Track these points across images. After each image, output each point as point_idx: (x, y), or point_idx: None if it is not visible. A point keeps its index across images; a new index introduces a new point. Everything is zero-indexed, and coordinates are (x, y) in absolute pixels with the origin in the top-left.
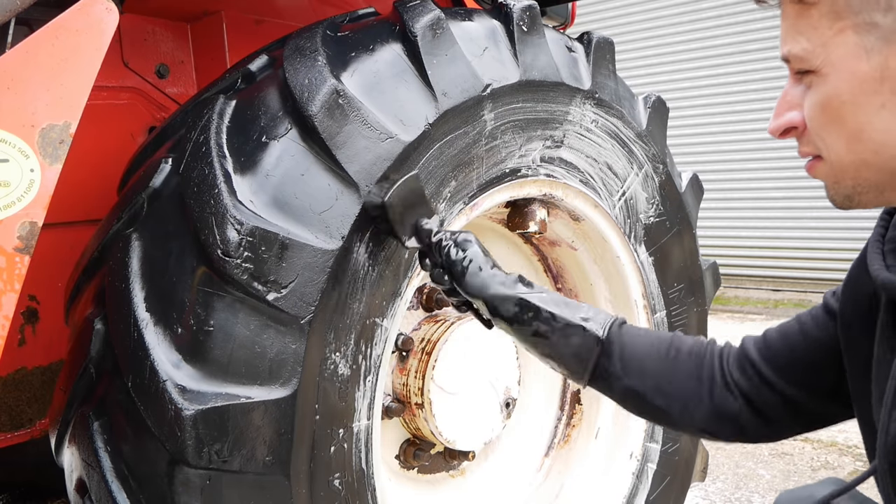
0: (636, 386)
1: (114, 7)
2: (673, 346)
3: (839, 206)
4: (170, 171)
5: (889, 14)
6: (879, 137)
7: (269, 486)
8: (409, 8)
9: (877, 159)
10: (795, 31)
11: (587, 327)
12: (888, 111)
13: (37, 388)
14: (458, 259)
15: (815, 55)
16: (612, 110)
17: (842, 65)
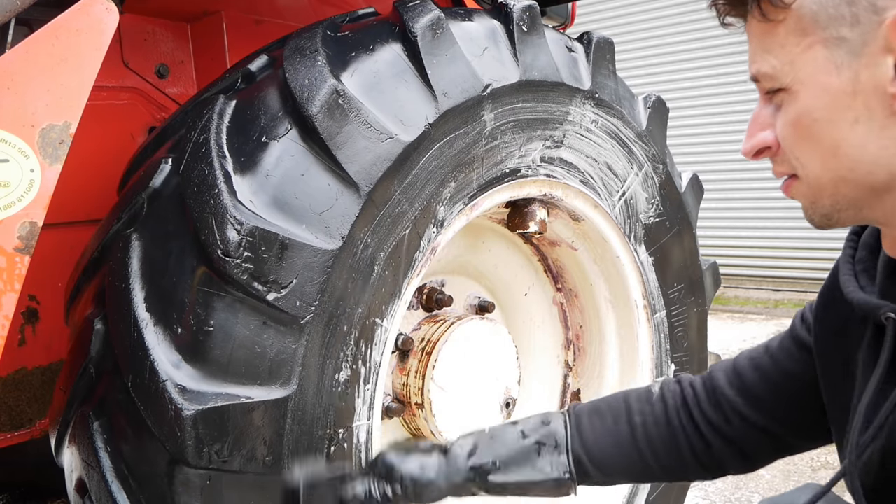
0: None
1: (114, 7)
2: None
3: (818, 226)
4: (170, 171)
5: (856, 27)
6: (855, 153)
7: (269, 486)
8: (409, 8)
9: (854, 175)
10: (763, 49)
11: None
12: (862, 125)
13: (37, 388)
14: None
15: (784, 73)
16: (612, 110)
17: (812, 81)
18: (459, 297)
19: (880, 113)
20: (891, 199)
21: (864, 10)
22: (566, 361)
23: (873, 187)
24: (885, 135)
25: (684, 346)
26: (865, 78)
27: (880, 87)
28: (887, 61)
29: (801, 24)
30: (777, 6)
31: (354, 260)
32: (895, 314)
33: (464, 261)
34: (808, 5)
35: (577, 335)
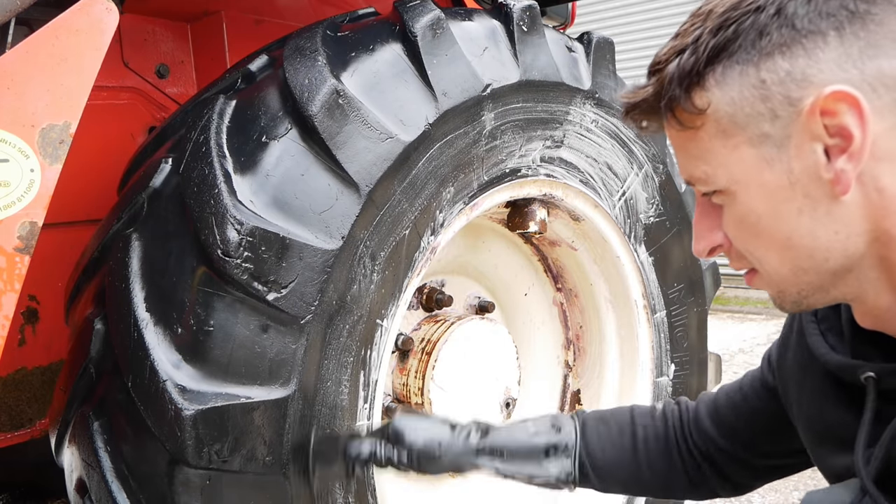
0: (620, 490)
1: (114, 7)
2: (637, 438)
3: (788, 312)
4: (170, 171)
5: (776, 122)
6: (808, 242)
7: (269, 486)
8: (409, 8)
9: (811, 263)
10: (690, 156)
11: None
12: (807, 215)
13: (37, 388)
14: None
15: (717, 176)
16: (612, 110)
17: (748, 180)
18: (459, 297)
19: (822, 199)
20: (854, 278)
21: (779, 104)
22: (566, 361)
23: (833, 272)
24: (833, 220)
25: (684, 346)
26: (798, 169)
27: (815, 175)
28: (815, 148)
29: (721, 126)
30: (692, 113)
31: (354, 260)
32: (874, 374)
33: (464, 261)
34: (723, 108)
35: (577, 335)
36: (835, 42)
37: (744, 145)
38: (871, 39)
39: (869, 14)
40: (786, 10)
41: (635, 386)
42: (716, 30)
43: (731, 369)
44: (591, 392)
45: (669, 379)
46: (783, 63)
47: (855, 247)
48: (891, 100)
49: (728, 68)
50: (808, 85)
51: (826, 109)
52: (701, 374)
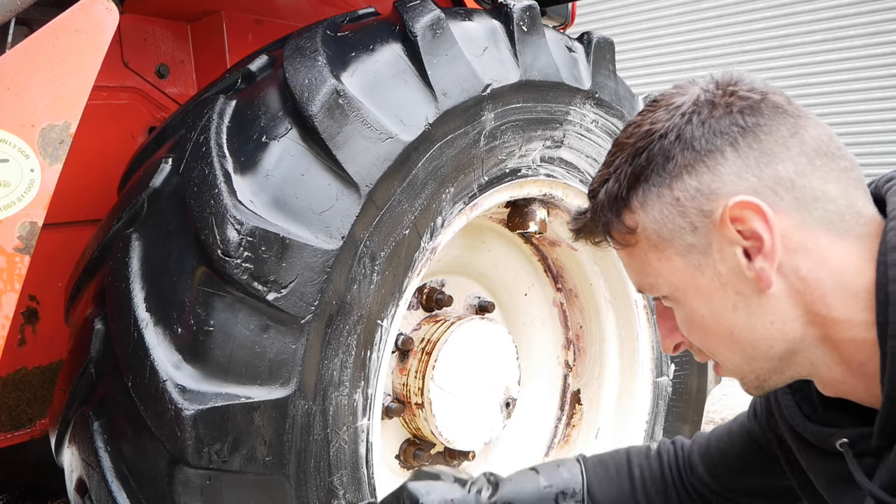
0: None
1: (114, 7)
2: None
3: (755, 395)
4: (170, 171)
5: (697, 233)
6: (748, 335)
7: (269, 486)
8: (409, 8)
9: (757, 352)
10: (633, 269)
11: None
12: (741, 310)
13: (37, 388)
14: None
15: (659, 285)
16: (612, 110)
17: (684, 286)
18: (459, 297)
19: (752, 295)
20: (803, 358)
21: (696, 218)
22: (566, 361)
23: (781, 357)
24: (766, 311)
25: None
26: (724, 271)
27: (740, 275)
28: (735, 251)
29: (652, 242)
30: (623, 233)
31: (354, 260)
32: (848, 439)
33: (464, 261)
34: (649, 226)
35: (577, 335)
36: (732, 156)
37: (674, 256)
38: (764, 148)
39: (758, 126)
40: (684, 135)
41: (635, 386)
42: (631, 158)
43: None
44: (591, 392)
45: (669, 379)
46: (691, 181)
47: (793, 332)
48: (792, 199)
49: (647, 191)
50: (716, 197)
51: (734, 217)
52: (701, 375)
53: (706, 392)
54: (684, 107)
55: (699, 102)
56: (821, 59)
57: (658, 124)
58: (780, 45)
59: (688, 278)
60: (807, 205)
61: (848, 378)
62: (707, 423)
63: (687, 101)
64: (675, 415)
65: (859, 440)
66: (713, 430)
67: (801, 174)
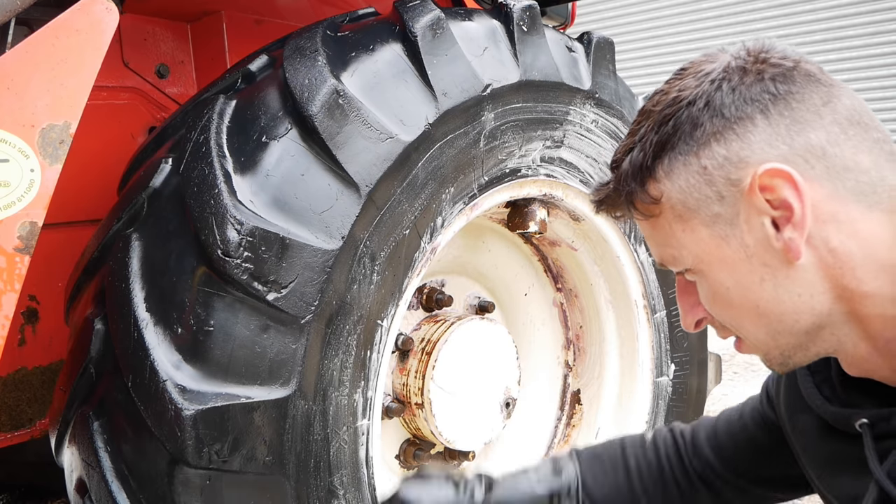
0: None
1: (114, 7)
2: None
3: (779, 371)
4: (170, 171)
5: (724, 202)
6: (774, 308)
7: (269, 486)
8: (409, 8)
9: (783, 327)
10: (656, 241)
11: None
12: (769, 282)
13: (37, 388)
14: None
15: (683, 257)
16: (612, 110)
17: (709, 258)
18: (459, 297)
19: (779, 267)
20: (829, 334)
21: (723, 187)
22: (566, 361)
23: (807, 331)
24: (794, 284)
25: (684, 346)
26: (751, 242)
27: (768, 246)
28: (763, 221)
29: (677, 212)
30: (649, 203)
31: (354, 260)
32: (868, 420)
33: (464, 261)
34: (675, 196)
35: (577, 335)
36: (763, 124)
37: (700, 227)
38: (796, 116)
39: (790, 94)
40: (714, 102)
41: (635, 386)
42: (657, 126)
43: (730, 369)
44: (591, 392)
45: (669, 379)
46: (719, 149)
47: (821, 305)
48: (823, 168)
49: (673, 160)
50: (745, 166)
51: (764, 186)
52: (701, 374)
53: (706, 392)
54: (714, 73)
55: (729, 69)
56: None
57: (686, 91)
58: None
59: (713, 249)
60: (838, 174)
61: (873, 356)
62: None
63: (717, 67)
64: (675, 415)
65: (879, 421)
66: (721, 415)
67: (834, 143)
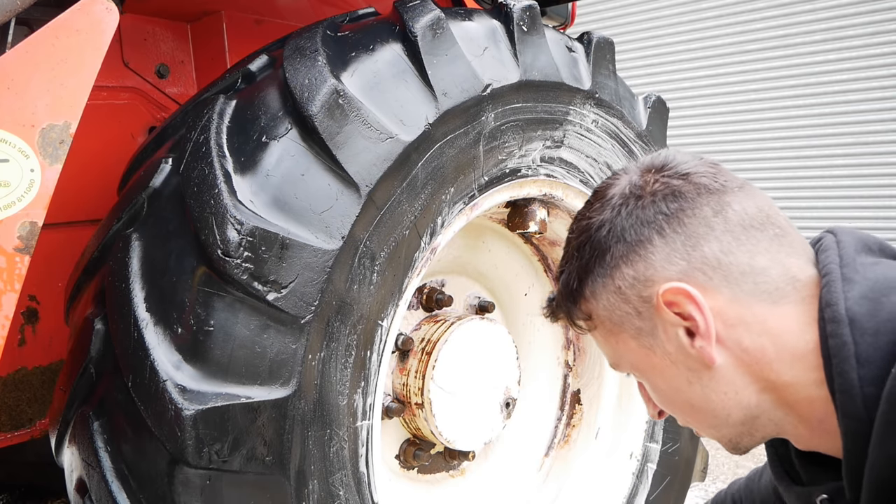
0: None
1: (114, 7)
2: None
3: (736, 454)
4: (170, 171)
5: (642, 317)
6: (705, 405)
7: (269, 486)
8: (409, 8)
9: (719, 421)
10: (601, 348)
11: None
12: (695, 384)
13: (37, 388)
14: None
15: (621, 364)
16: (612, 110)
17: (642, 365)
18: (459, 297)
19: (701, 370)
20: (766, 420)
21: (638, 304)
22: (566, 361)
23: (742, 422)
24: (717, 383)
25: None
26: (672, 350)
27: (686, 353)
28: (677, 332)
29: (606, 327)
30: (582, 319)
31: (354, 260)
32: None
33: (464, 261)
34: (602, 314)
35: (577, 335)
36: (660, 243)
37: (628, 339)
38: (689, 231)
39: (681, 210)
40: (615, 228)
41: (635, 386)
42: (577, 252)
43: None
44: (591, 392)
45: None
46: (628, 270)
47: (748, 399)
48: (721, 277)
49: (594, 282)
50: (651, 284)
51: (668, 301)
52: None
53: None
54: (614, 199)
55: (626, 194)
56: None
57: (594, 218)
58: (780, 45)
59: (643, 358)
60: (736, 280)
61: (814, 434)
62: None
63: (616, 192)
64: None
65: (838, 495)
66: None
67: (727, 252)
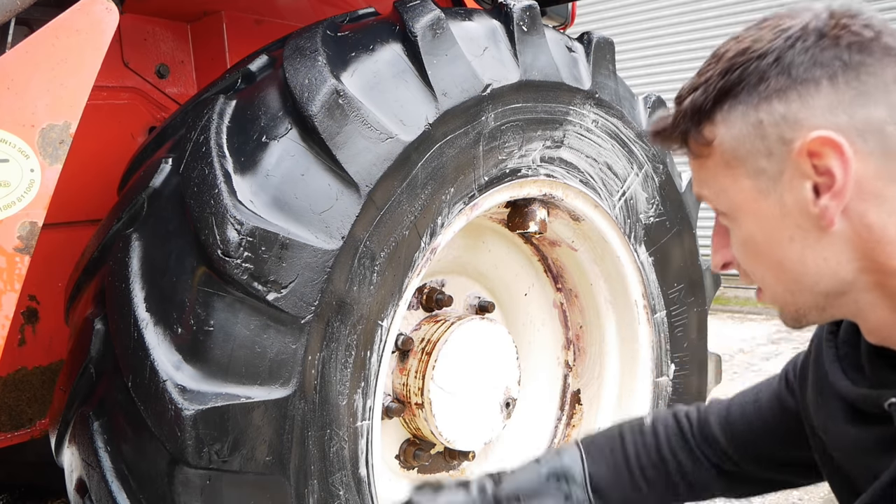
0: None
1: (114, 7)
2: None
3: (792, 327)
4: (170, 171)
5: (771, 158)
6: (797, 268)
7: (269, 486)
8: (409, 8)
9: (802, 287)
10: (700, 179)
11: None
12: (798, 243)
13: (37, 388)
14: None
15: (720, 201)
16: (612, 110)
17: (746, 208)
18: (459, 297)
19: (811, 230)
20: (850, 300)
21: (774, 143)
22: (566, 361)
23: (826, 294)
24: (821, 249)
25: (684, 346)
26: (789, 201)
27: (804, 209)
28: (805, 185)
29: (725, 158)
30: (700, 144)
31: (354, 260)
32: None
33: (464, 261)
34: (727, 142)
35: (577, 335)
36: (827, 90)
37: (743, 177)
38: (863, 89)
39: (863, 65)
40: (784, 59)
41: (635, 386)
42: (724, 73)
43: (730, 369)
44: (591, 392)
45: (669, 379)
46: (779, 106)
47: (845, 273)
48: (877, 145)
49: (732, 108)
50: (799, 128)
51: (812, 151)
52: (701, 374)
53: (706, 392)
54: (791, 31)
55: (807, 29)
56: None
57: (760, 44)
58: None
59: (751, 201)
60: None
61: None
62: None
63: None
64: None
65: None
66: (734, 398)
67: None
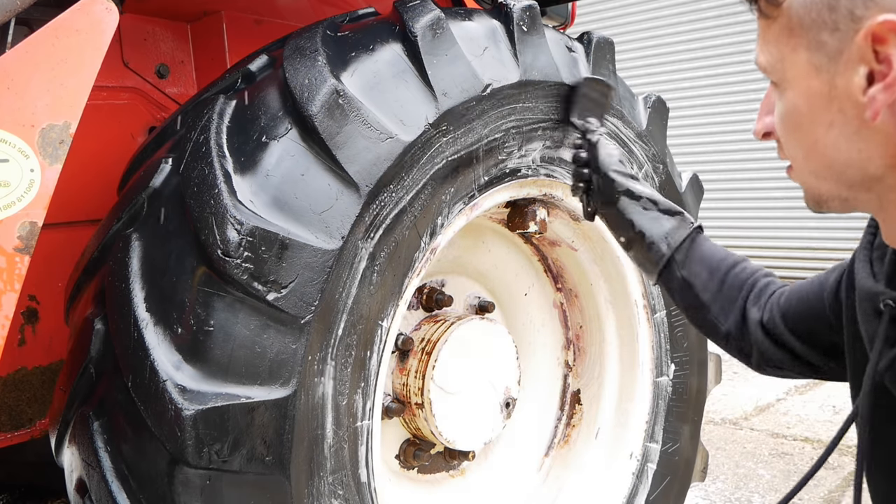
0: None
1: (114, 7)
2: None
3: (812, 210)
4: (170, 171)
5: (835, 34)
6: (829, 153)
7: (269, 486)
8: (409, 8)
9: (829, 173)
10: (763, 41)
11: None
12: (836, 129)
13: (37, 388)
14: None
15: (775, 69)
16: (612, 110)
17: (797, 81)
18: (459, 297)
19: (853, 119)
20: (872, 196)
21: (843, 18)
22: (566, 361)
23: (850, 185)
24: (858, 139)
25: (684, 345)
26: (840, 84)
27: (853, 96)
28: (860, 70)
29: (790, 24)
30: (771, 3)
31: (354, 260)
32: (893, 302)
33: (464, 261)
34: (795, 7)
35: (577, 335)
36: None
37: (802, 48)
38: None
39: None
40: None
41: (635, 386)
42: None
43: (731, 369)
44: (591, 392)
45: (669, 379)
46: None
47: (875, 168)
48: None
49: None
50: (872, 6)
51: (878, 35)
52: (701, 375)
53: (706, 392)
54: None
55: None
56: None
57: None
58: None
59: (803, 75)
60: None
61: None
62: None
63: None
64: (675, 415)
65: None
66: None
67: None
